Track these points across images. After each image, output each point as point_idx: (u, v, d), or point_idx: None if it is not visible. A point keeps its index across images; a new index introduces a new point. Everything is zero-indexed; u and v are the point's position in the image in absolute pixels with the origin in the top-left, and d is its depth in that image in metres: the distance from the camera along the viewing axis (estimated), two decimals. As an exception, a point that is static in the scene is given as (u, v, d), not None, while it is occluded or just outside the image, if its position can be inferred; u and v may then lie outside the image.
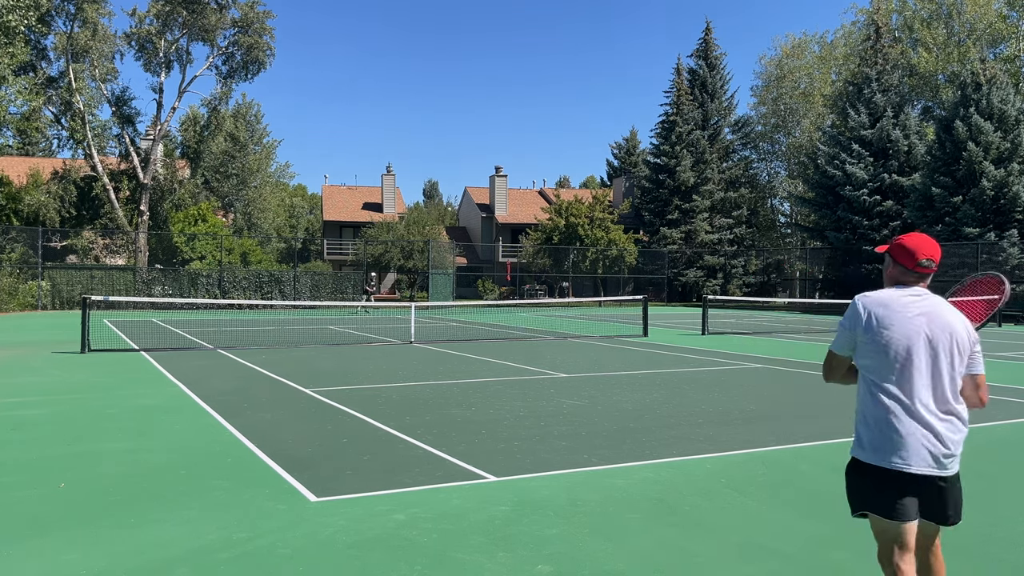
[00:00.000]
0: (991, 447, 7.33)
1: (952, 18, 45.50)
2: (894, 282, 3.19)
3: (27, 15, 30.83)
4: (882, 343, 3.03)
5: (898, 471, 2.97)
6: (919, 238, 3.18)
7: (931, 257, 3.13)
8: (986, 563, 4.34)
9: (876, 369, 3.06)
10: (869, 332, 3.06)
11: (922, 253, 3.12)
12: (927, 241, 3.16)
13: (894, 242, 3.22)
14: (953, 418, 3.02)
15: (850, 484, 3.17)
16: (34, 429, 7.79)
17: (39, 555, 4.34)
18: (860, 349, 3.11)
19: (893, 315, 3.05)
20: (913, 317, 3.04)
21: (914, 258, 3.13)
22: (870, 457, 3.05)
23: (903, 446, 2.97)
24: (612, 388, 10.78)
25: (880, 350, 3.04)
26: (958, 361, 3.03)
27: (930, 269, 3.14)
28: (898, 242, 3.20)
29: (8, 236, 36.12)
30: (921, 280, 3.15)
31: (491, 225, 57.35)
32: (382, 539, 4.61)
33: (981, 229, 32.74)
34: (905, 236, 3.23)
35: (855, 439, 3.16)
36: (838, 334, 3.19)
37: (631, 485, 5.85)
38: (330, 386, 10.69)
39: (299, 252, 47.70)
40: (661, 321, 27.50)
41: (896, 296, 3.11)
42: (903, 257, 3.16)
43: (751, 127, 55.32)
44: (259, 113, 54.46)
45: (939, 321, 3.04)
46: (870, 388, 3.09)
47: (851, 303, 3.18)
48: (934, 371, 3.01)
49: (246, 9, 42.88)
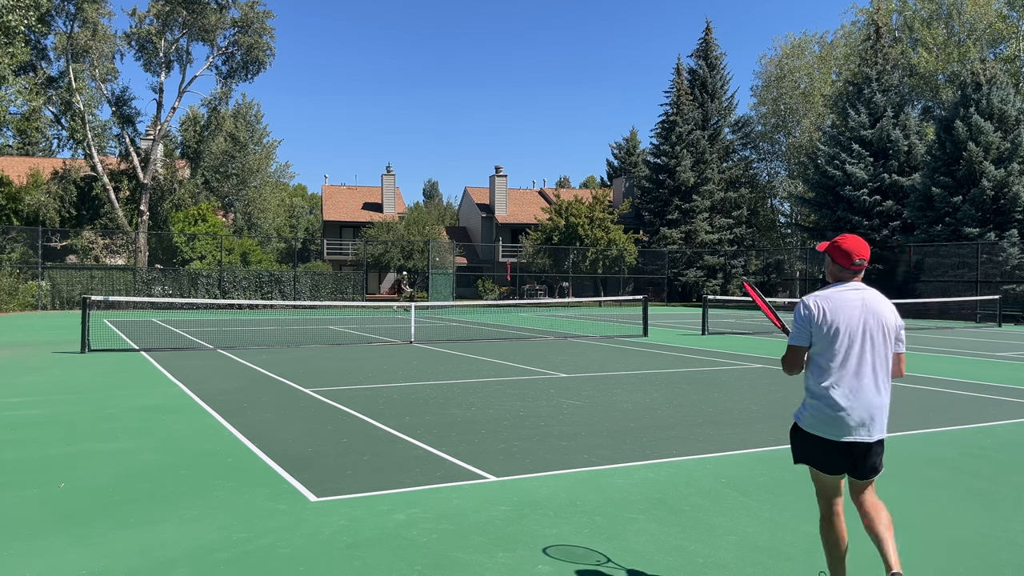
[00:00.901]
0: (991, 447, 7.33)
1: (952, 18, 45.49)
2: (835, 278, 3.72)
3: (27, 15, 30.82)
4: (831, 332, 3.56)
5: (831, 440, 3.59)
6: (854, 240, 3.67)
7: (863, 257, 3.64)
8: (986, 563, 4.34)
9: (825, 354, 3.59)
10: (821, 324, 3.58)
11: (856, 254, 3.64)
12: (860, 243, 3.67)
13: (832, 244, 3.70)
14: (885, 392, 3.62)
15: (794, 443, 3.77)
16: (34, 429, 7.79)
17: (39, 555, 4.34)
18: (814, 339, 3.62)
19: (838, 308, 3.59)
20: (855, 309, 3.59)
21: (850, 258, 3.64)
22: (809, 427, 3.64)
23: (839, 421, 3.55)
24: (612, 388, 10.78)
25: (829, 338, 3.57)
26: (890, 343, 3.63)
27: (863, 267, 3.66)
28: (836, 244, 3.69)
29: (8, 236, 36.13)
30: (856, 276, 3.67)
31: (491, 225, 57.35)
32: (382, 539, 4.61)
33: (981, 229, 32.74)
34: (841, 238, 3.69)
35: (800, 408, 3.72)
36: (795, 330, 3.66)
37: (631, 485, 5.85)
38: (330, 386, 10.70)
39: (299, 252, 47.71)
40: (661, 321, 27.50)
41: (839, 292, 3.64)
42: (841, 257, 3.66)
43: (751, 127, 55.32)
44: (259, 113, 54.52)
45: (875, 310, 3.61)
46: (816, 371, 3.63)
47: (801, 301, 3.66)
48: (873, 353, 3.58)
49: (246, 9, 42.88)
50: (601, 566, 4.25)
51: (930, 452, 7.08)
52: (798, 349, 3.67)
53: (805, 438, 3.69)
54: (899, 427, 8.17)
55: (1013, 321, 29.67)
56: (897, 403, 9.80)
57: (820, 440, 3.62)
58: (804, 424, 3.67)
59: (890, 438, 7.63)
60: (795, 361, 3.69)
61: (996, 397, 10.42)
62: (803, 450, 3.72)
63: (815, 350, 3.64)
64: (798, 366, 3.69)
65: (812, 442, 3.65)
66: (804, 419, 3.68)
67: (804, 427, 3.67)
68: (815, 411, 3.62)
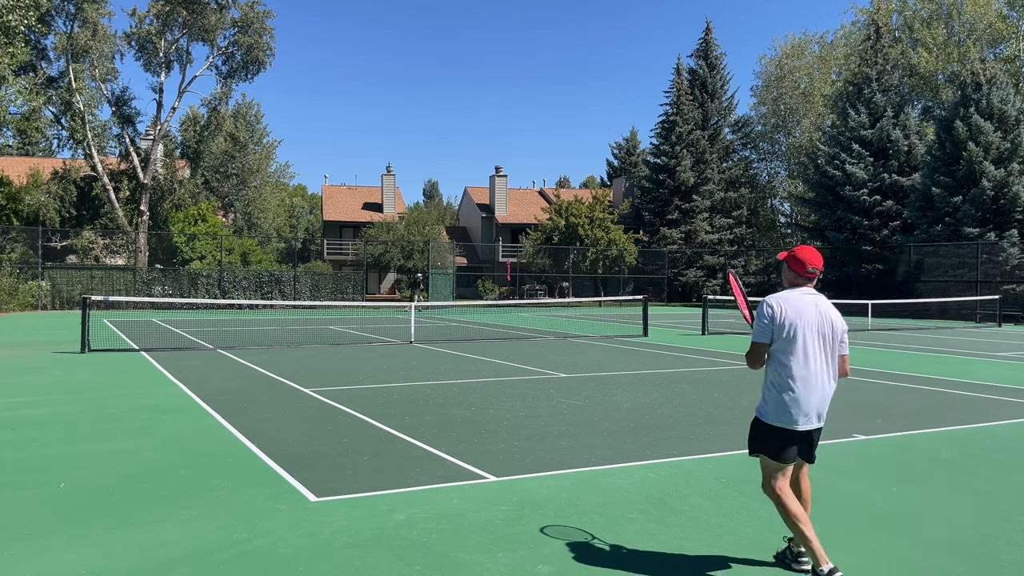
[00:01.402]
0: (991, 447, 7.33)
1: (952, 18, 45.49)
2: (791, 284, 4.18)
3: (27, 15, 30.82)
4: (789, 331, 3.99)
5: (792, 430, 4.00)
6: (808, 251, 4.17)
7: (816, 266, 4.12)
8: (986, 563, 4.34)
9: (783, 351, 4.01)
10: (781, 323, 3.99)
11: (810, 263, 4.12)
12: (814, 253, 4.17)
13: (790, 254, 4.21)
14: (831, 386, 4.07)
15: (754, 434, 4.15)
16: (34, 429, 7.79)
17: (39, 555, 4.34)
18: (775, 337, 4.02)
19: (796, 310, 4.02)
20: (810, 312, 4.03)
21: (804, 267, 4.13)
22: (772, 419, 4.03)
23: (799, 411, 3.97)
24: (612, 388, 10.78)
25: (787, 336, 3.99)
26: (835, 344, 4.08)
27: (815, 275, 4.13)
28: (792, 254, 4.19)
29: (8, 236, 36.13)
30: (810, 282, 4.15)
31: (491, 225, 57.34)
32: (382, 539, 4.61)
33: (981, 229, 32.73)
34: (798, 249, 4.19)
35: (762, 403, 4.11)
36: (758, 329, 4.06)
37: (631, 485, 5.85)
38: (330, 386, 10.69)
39: (299, 252, 47.71)
40: (661, 321, 27.50)
41: (797, 295, 4.09)
42: (796, 266, 4.16)
43: (751, 127, 55.32)
44: (259, 113, 54.50)
45: (826, 314, 4.07)
46: (778, 366, 4.02)
47: (764, 302, 4.07)
48: (823, 351, 4.03)
49: (246, 9, 42.88)
50: (601, 566, 4.25)
51: (930, 452, 7.08)
52: (761, 346, 4.07)
53: (767, 430, 4.05)
54: (900, 427, 8.17)
55: (1013, 321, 29.66)
56: (897, 403, 9.82)
57: (781, 431, 4.01)
58: (768, 418, 4.04)
59: (891, 438, 7.65)
60: (758, 356, 4.10)
61: (996, 397, 10.42)
62: (764, 442, 4.09)
63: (776, 347, 4.03)
64: (760, 361, 4.10)
65: (774, 434, 4.03)
66: (768, 412, 4.05)
67: (768, 420, 4.04)
68: (778, 404, 4.00)
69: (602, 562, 4.30)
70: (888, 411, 9.15)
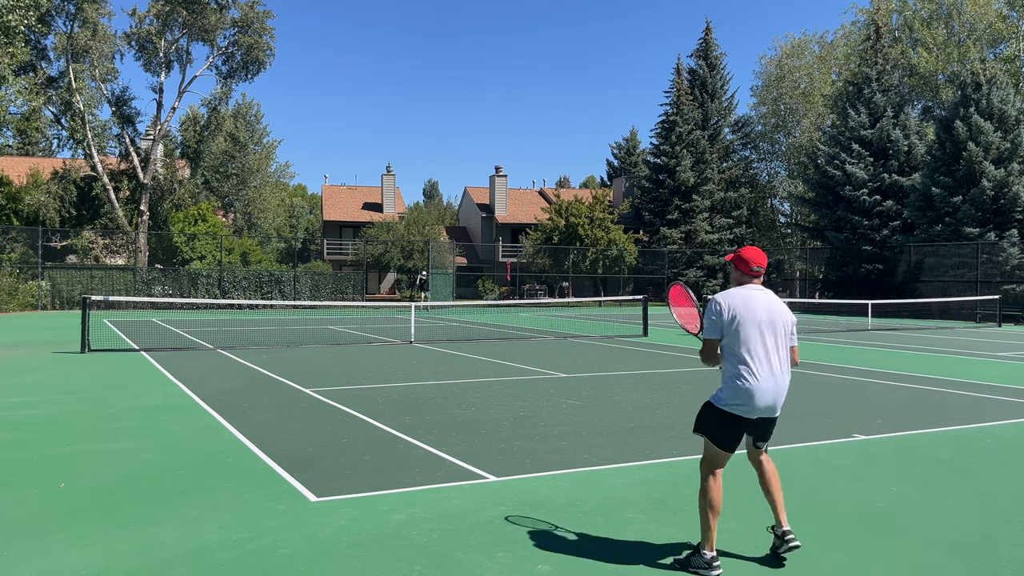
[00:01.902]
0: (991, 447, 7.32)
1: (952, 18, 45.48)
2: (738, 282, 4.41)
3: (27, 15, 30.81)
4: (739, 326, 4.18)
5: (743, 417, 4.18)
6: (752, 251, 4.39)
7: (760, 264, 4.36)
8: (986, 563, 4.34)
9: (735, 345, 4.19)
10: (731, 319, 4.20)
11: (754, 262, 4.35)
12: (758, 252, 4.38)
13: (735, 254, 4.44)
14: (785, 376, 4.25)
15: (704, 417, 4.30)
16: (34, 429, 7.79)
17: (39, 555, 4.34)
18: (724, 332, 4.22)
19: (744, 306, 4.22)
20: (757, 307, 4.24)
21: (748, 266, 4.36)
22: (724, 405, 4.20)
23: (750, 400, 4.15)
24: (612, 388, 10.78)
25: (737, 331, 4.19)
26: (786, 335, 4.28)
27: (760, 273, 4.36)
28: (738, 254, 4.42)
29: (8, 236, 36.13)
30: (755, 279, 4.36)
31: (491, 225, 57.34)
32: (382, 539, 4.61)
33: (981, 229, 32.72)
34: (742, 249, 4.43)
35: (718, 391, 4.27)
36: (708, 325, 4.26)
37: (631, 485, 5.85)
38: (330, 386, 10.69)
39: (299, 252, 47.71)
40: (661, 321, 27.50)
41: (744, 292, 4.30)
42: (742, 265, 4.39)
43: (751, 127, 55.31)
44: (259, 113, 54.52)
45: (774, 307, 4.29)
46: (732, 359, 4.20)
47: (712, 300, 4.27)
48: (774, 343, 4.22)
49: (246, 9, 42.89)
50: (601, 566, 4.25)
51: (930, 452, 7.08)
52: (712, 342, 4.26)
53: (718, 415, 4.22)
54: (900, 427, 8.17)
55: (1013, 321, 29.66)
56: (897, 403, 9.81)
57: (732, 417, 4.18)
58: (721, 403, 4.22)
59: (891, 438, 7.65)
60: (710, 352, 4.27)
61: (996, 397, 10.42)
62: (711, 426, 4.25)
63: (727, 341, 4.22)
64: (713, 357, 4.27)
65: (724, 419, 4.20)
66: (722, 399, 4.22)
67: (720, 405, 4.22)
68: (732, 393, 4.17)
69: (602, 562, 4.30)
70: (888, 411, 9.15)
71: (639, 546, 4.57)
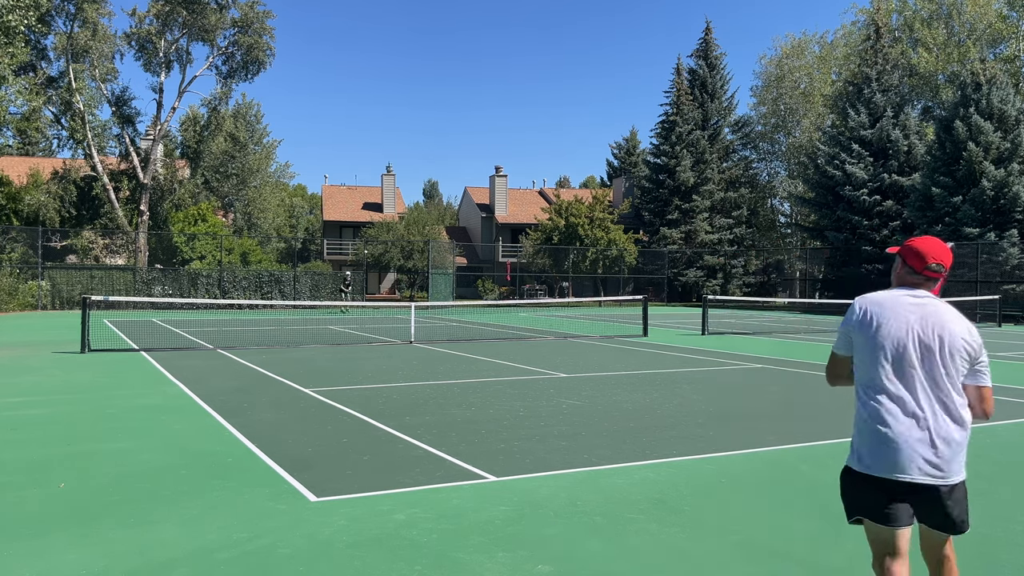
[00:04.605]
0: (991, 447, 7.33)
1: (952, 18, 45.48)
2: (900, 283, 3.18)
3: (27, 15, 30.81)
4: (874, 341, 3.00)
5: (890, 479, 2.92)
6: (931, 242, 3.16)
7: (940, 261, 3.09)
8: (986, 563, 4.34)
9: (868, 368, 3.02)
10: (863, 330, 3.04)
11: (932, 257, 3.09)
12: (939, 245, 3.13)
13: (906, 244, 3.20)
14: (949, 421, 2.91)
15: (844, 490, 3.12)
16: (34, 429, 7.79)
17: (39, 555, 4.34)
18: (855, 348, 3.08)
19: (886, 313, 3.02)
20: (906, 316, 3.00)
21: (924, 261, 3.10)
22: (861, 466, 3.00)
23: (894, 452, 2.90)
24: (612, 388, 10.78)
25: (872, 348, 3.00)
26: (953, 364, 2.95)
27: (939, 273, 3.10)
28: (909, 244, 3.19)
29: (8, 236, 36.13)
30: (927, 283, 3.11)
31: (491, 225, 57.34)
32: (382, 539, 4.61)
33: (981, 229, 32.73)
34: (917, 239, 3.20)
35: (851, 445, 3.10)
36: (839, 335, 3.18)
37: (631, 485, 5.84)
38: (330, 386, 10.69)
39: (299, 252, 47.70)
40: (661, 321, 27.49)
41: (894, 295, 3.09)
42: (913, 259, 3.13)
43: (751, 127, 55.31)
44: (259, 113, 54.49)
45: (934, 321, 2.98)
46: (864, 390, 3.04)
47: (852, 303, 3.16)
48: (927, 372, 2.94)
49: (246, 9, 42.88)
50: (601, 566, 4.25)
51: (930, 452, 7.07)
52: (837, 358, 3.20)
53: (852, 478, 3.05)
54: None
55: (1013, 321, 29.66)
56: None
57: (868, 479, 2.98)
58: (852, 460, 3.05)
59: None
60: (834, 370, 3.24)
61: (996, 397, 10.39)
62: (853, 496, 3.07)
63: (857, 363, 3.10)
64: (837, 376, 3.24)
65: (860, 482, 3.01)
66: (852, 455, 3.06)
67: (852, 464, 3.05)
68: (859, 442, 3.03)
69: (602, 562, 4.30)
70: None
71: (639, 546, 4.57)
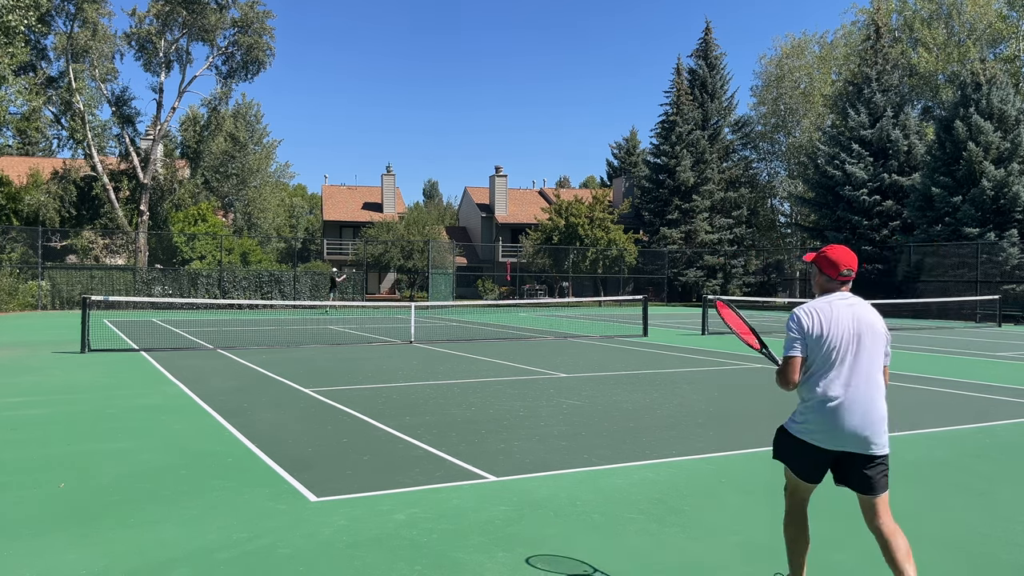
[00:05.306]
0: (991, 447, 7.33)
1: (952, 18, 45.48)
2: (824, 290, 3.73)
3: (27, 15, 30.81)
4: (824, 344, 3.55)
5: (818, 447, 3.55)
6: (840, 250, 3.72)
7: (851, 267, 3.68)
8: (986, 563, 4.34)
9: (819, 363, 3.56)
10: (815, 332, 3.56)
11: (843, 264, 3.68)
12: (847, 253, 3.71)
13: (819, 255, 3.74)
14: (876, 403, 3.56)
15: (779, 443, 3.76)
16: (34, 429, 7.79)
17: (39, 555, 4.34)
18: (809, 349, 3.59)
19: (832, 316, 3.58)
20: (846, 317, 3.59)
21: (837, 269, 3.68)
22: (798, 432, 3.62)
23: (828, 429, 3.52)
24: (612, 388, 10.78)
25: (826, 346, 3.55)
26: (881, 352, 3.61)
27: (850, 277, 3.69)
28: (823, 254, 3.73)
29: (8, 236, 36.12)
30: (844, 286, 3.70)
31: (491, 225, 57.34)
32: (382, 539, 4.61)
33: (981, 229, 32.73)
34: (828, 249, 3.74)
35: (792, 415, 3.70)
36: (790, 342, 3.62)
37: (631, 485, 5.85)
38: (330, 386, 10.69)
39: (299, 252, 47.70)
40: (661, 321, 27.49)
41: (830, 301, 3.65)
42: (828, 268, 3.70)
43: (751, 127, 55.30)
44: (259, 113, 54.46)
45: (864, 318, 3.61)
46: (815, 379, 3.57)
47: (793, 313, 3.66)
48: (864, 361, 3.56)
49: (246, 9, 42.88)
50: (601, 566, 4.25)
51: (930, 452, 7.08)
52: (794, 360, 3.59)
53: (792, 442, 3.66)
54: (900, 427, 8.17)
55: (1013, 321, 29.66)
56: (897, 403, 9.79)
57: (807, 446, 3.58)
58: (793, 429, 3.66)
59: (891, 438, 7.63)
60: (792, 372, 3.60)
61: (996, 397, 10.42)
62: (786, 453, 3.72)
63: (809, 362, 3.59)
64: (793, 378, 3.60)
65: (799, 447, 3.63)
66: (794, 424, 3.66)
67: (793, 431, 3.65)
68: (805, 419, 3.59)
69: (602, 562, 4.30)
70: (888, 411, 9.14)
71: (639, 546, 4.57)
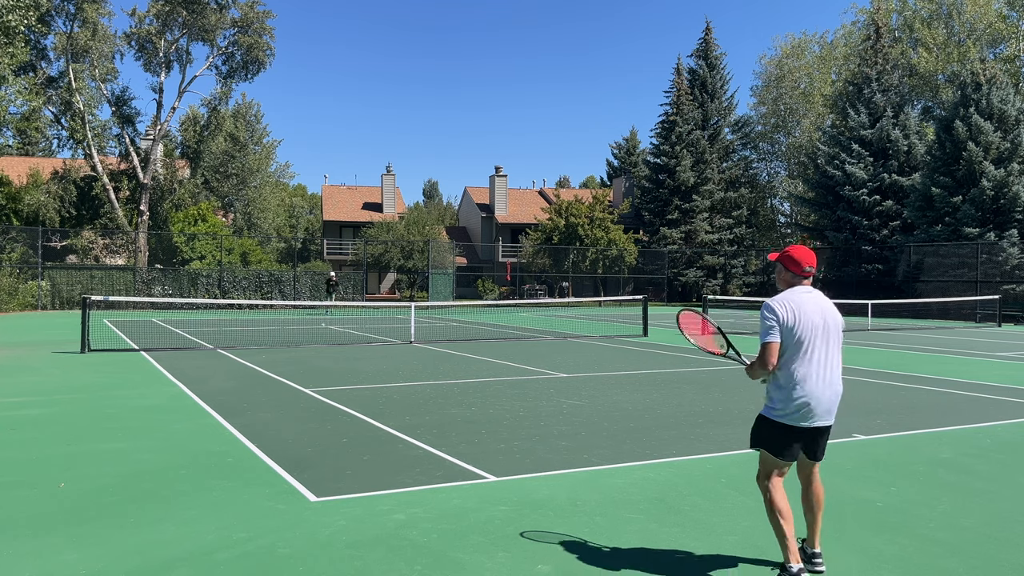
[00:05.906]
0: (991, 447, 7.32)
1: (952, 18, 45.49)
2: (789, 284, 4.17)
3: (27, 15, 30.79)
4: (796, 331, 3.98)
5: (797, 427, 4.02)
6: (802, 250, 4.16)
7: (812, 264, 4.14)
8: (986, 563, 4.34)
9: (790, 350, 4.00)
10: (789, 321, 3.99)
11: (805, 262, 4.14)
12: (808, 252, 4.16)
13: (784, 253, 4.20)
14: (839, 383, 4.08)
15: (757, 429, 4.17)
16: (34, 429, 7.79)
17: (39, 555, 4.34)
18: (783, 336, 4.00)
19: (800, 307, 4.02)
20: (811, 307, 4.04)
21: (800, 266, 4.14)
22: (778, 417, 4.04)
23: (807, 410, 3.99)
24: (612, 388, 10.78)
25: (797, 334, 3.98)
26: (839, 337, 4.10)
27: (811, 274, 4.16)
28: (787, 253, 4.18)
29: (8, 236, 36.11)
30: (806, 280, 4.15)
31: (491, 225, 57.33)
32: (382, 539, 4.61)
33: (981, 229, 32.73)
34: (792, 249, 4.17)
35: (771, 402, 4.09)
36: (768, 329, 4.00)
37: (631, 485, 5.85)
38: (330, 386, 10.69)
39: (299, 252, 47.70)
40: (661, 321, 27.49)
41: (797, 293, 4.09)
42: (792, 266, 4.16)
43: (751, 127, 55.30)
44: (259, 113, 54.43)
45: (825, 308, 4.09)
46: (790, 364, 3.99)
47: (767, 304, 4.05)
48: (829, 348, 4.04)
49: (246, 9, 42.88)
50: (601, 566, 4.25)
51: (930, 452, 7.07)
52: (772, 345, 3.99)
53: (771, 426, 4.07)
54: (900, 427, 8.17)
55: (1013, 321, 29.66)
56: (898, 403, 9.80)
57: (786, 428, 4.03)
58: (775, 415, 4.06)
59: (892, 438, 7.65)
60: (770, 357, 3.99)
61: (996, 397, 10.42)
62: (766, 438, 4.11)
63: (783, 347, 4.01)
64: (771, 362, 3.99)
65: (778, 430, 4.05)
66: (774, 410, 4.06)
67: (774, 417, 4.06)
68: (785, 403, 4.01)
69: (602, 562, 4.30)
70: (888, 411, 9.15)
71: (639, 546, 4.57)
